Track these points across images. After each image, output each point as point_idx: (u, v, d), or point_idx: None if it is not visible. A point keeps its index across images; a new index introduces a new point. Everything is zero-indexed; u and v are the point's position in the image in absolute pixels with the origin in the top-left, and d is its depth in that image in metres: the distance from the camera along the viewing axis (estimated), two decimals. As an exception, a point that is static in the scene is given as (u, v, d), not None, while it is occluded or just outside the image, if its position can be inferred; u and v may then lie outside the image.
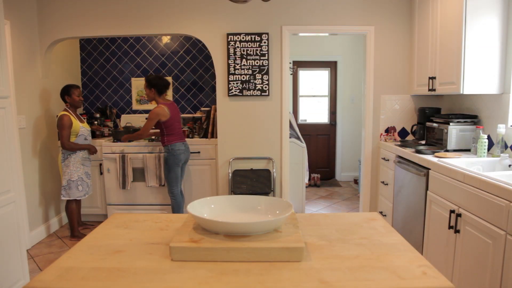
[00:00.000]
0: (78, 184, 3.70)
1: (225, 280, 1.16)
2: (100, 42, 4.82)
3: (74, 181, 3.68)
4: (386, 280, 1.15)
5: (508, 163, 2.55)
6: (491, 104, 3.02)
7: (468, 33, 2.82)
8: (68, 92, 3.70)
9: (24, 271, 2.64)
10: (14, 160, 2.57)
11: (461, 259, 2.35)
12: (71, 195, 3.68)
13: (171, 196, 3.80)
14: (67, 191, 3.67)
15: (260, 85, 3.86)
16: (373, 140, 3.99)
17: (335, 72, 6.19)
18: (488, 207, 2.07)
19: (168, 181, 3.76)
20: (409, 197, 3.15)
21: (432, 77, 3.30)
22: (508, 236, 1.91)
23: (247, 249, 1.27)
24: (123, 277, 1.19)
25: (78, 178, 3.70)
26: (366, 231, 1.55)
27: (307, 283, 1.14)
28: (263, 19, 3.84)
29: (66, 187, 3.67)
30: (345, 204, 5.02)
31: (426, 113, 3.61)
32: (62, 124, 3.57)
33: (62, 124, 3.57)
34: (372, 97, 3.92)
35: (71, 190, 3.67)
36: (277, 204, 1.57)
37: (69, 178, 3.66)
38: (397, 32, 3.85)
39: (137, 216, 1.78)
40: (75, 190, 3.69)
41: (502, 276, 1.96)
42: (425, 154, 3.00)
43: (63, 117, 3.59)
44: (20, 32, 3.60)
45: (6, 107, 2.51)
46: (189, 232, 1.39)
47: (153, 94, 3.67)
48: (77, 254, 1.36)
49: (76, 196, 3.70)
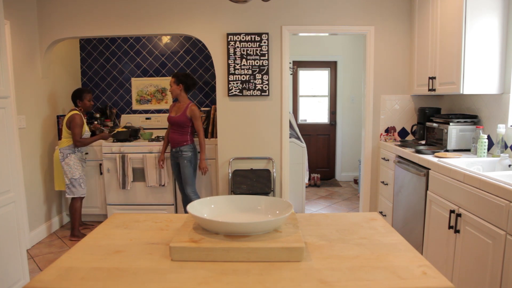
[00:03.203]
0: (80, 182, 3.73)
1: (225, 280, 1.16)
2: (100, 42, 4.82)
3: (77, 179, 3.71)
4: (386, 280, 1.16)
5: (508, 163, 2.55)
6: (491, 104, 3.02)
7: (468, 33, 2.82)
8: (81, 97, 3.79)
9: (24, 271, 2.64)
10: (14, 160, 2.57)
11: (461, 259, 2.35)
12: (75, 193, 3.72)
13: (194, 195, 3.77)
14: (71, 189, 3.71)
15: (260, 85, 3.86)
16: (373, 140, 3.99)
17: (335, 72, 6.19)
18: (488, 207, 2.07)
19: (191, 180, 3.75)
20: (409, 197, 3.15)
21: (432, 77, 3.30)
22: (508, 236, 1.91)
23: (247, 249, 1.27)
24: (123, 277, 1.19)
25: (80, 176, 3.73)
26: (366, 231, 1.55)
27: (307, 283, 1.14)
28: (263, 19, 3.84)
29: (69, 186, 3.70)
30: (345, 204, 5.02)
31: (426, 113, 3.61)
32: (75, 123, 3.63)
33: (75, 123, 3.63)
34: (372, 97, 3.92)
35: (75, 188, 3.71)
36: (277, 204, 1.57)
37: (72, 177, 3.68)
38: (397, 32, 3.85)
39: (137, 216, 1.78)
40: (78, 188, 3.73)
41: (502, 276, 1.96)
42: (425, 154, 3.00)
43: (75, 116, 3.65)
44: (20, 32, 3.60)
45: (6, 107, 2.51)
46: (189, 232, 1.39)
47: (179, 90, 3.69)
48: (77, 254, 1.36)
49: (80, 193, 3.74)
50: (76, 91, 3.82)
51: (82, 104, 3.79)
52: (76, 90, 3.82)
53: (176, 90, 3.69)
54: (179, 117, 3.68)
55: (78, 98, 3.78)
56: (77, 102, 3.79)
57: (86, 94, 3.80)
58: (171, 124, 3.74)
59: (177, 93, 3.70)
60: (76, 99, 3.79)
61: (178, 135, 3.71)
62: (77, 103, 3.79)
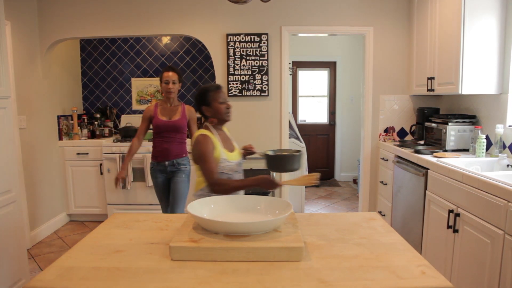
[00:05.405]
0: None
1: (224, 280, 1.17)
2: (100, 42, 4.83)
3: None
4: (385, 280, 1.16)
5: (506, 163, 2.56)
6: (489, 104, 3.02)
7: (467, 34, 2.83)
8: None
9: (24, 270, 2.64)
10: (14, 160, 2.57)
11: (460, 259, 2.35)
12: None
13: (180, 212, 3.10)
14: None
15: (259, 86, 3.87)
16: (372, 140, 3.99)
17: (334, 72, 6.20)
18: (486, 207, 2.08)
19: (185, 199, 3.07)
20: (408, 197, 3.16)
21: (431, 77, 3.31)
22: (506, 236, 1.92)
23: (247, 249, 1.28)
24: (123, 277, 1.19)
25: None
26: (365, 231, 1.56)
27: (306, 282, 1.15)
28: (263, 20, 3.85)
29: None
30: (344, 204, 5.02)
31: (425, 113, 3.62)
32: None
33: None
34: (371, 97, 3.93)
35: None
36: (276, 204, 1.58)
37: None
38: (396, 32, 3.86)
39: (137, 216, 1.78)
40: None
41: (500, 275, 1.97)
42: (424, 154, 3.01)
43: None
44: (21, 33, 3.61)
45: (7, 107, 2.51)
46: (189, 232, 1.40)
47: (178, 87, 3.07)
48: (77, 254, 1.36)
49: None
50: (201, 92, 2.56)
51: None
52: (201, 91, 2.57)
53: (177, 89, 3.05)
54: (179, 120, 3.00)
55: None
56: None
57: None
58: (165, 130, 2.99)
59: (176, 92, 3.06)
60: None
61: (176, 144, 3.02)
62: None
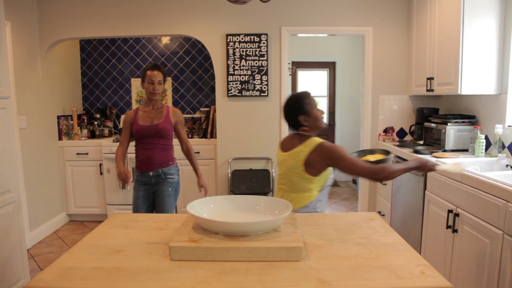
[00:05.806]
0: None
1: (224, 280, 1.17)
2: (100, 43, 4.83)
3: None
4: (385, 280, 1.17)
5: (506, 163, 2.57)
6: (488, 105, 3.03)
7: (466, 34, 2.83)
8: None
9: (24, 270, 2.64)
10: (14, 160, 2.57)
11: (459, 259, 2.36)
12: None
13: None
14: None
15: (259, 86, 3.87)
16: (372, 140, 4.00)
17: (333, 73, 6.20)
18: (485, 207, 2.08)
19: (171, 213, 2.64)
20: (407, 197, 3.16)
21: (430, 77, 3.31)
22: (505, 236, 1.92)
23: (246, 248, 1.28)
24: (123, 277, 1.20)
25: None
26: (365, 231, 1.56)
27: (306, 282, 1.15)
28: (262, 20, 3.85)
29: None
30: (343, 204, 5.02)
31: (424, 113, 3.62)
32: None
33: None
34: (370, 97, 3.93)
35: None
36: (276, 204, 1.58)
37: None
38: (396, 33, 3.87)
39: (137, 216, 1.79)
40: None
41: (499, 275, 1.97)
42: (423, 154, 3.01)
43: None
44: (21, 33, 3.61)
45: (7, 108, 2.51)
46: (188, 232, 1.40)
47: (163, 88, 2.72)
48: (77, 254, 1.37)
49: None
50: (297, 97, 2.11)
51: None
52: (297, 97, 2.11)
53: (162, 90, 2.67)
54: (163, 123, 2.61)
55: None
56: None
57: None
58: (147, 136, 2.62)
59: (160, 94, 2.67)
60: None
61: (159, 151, 2.63)
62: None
